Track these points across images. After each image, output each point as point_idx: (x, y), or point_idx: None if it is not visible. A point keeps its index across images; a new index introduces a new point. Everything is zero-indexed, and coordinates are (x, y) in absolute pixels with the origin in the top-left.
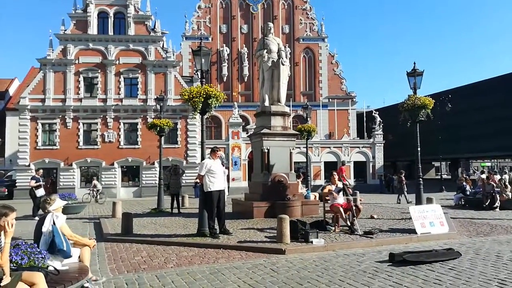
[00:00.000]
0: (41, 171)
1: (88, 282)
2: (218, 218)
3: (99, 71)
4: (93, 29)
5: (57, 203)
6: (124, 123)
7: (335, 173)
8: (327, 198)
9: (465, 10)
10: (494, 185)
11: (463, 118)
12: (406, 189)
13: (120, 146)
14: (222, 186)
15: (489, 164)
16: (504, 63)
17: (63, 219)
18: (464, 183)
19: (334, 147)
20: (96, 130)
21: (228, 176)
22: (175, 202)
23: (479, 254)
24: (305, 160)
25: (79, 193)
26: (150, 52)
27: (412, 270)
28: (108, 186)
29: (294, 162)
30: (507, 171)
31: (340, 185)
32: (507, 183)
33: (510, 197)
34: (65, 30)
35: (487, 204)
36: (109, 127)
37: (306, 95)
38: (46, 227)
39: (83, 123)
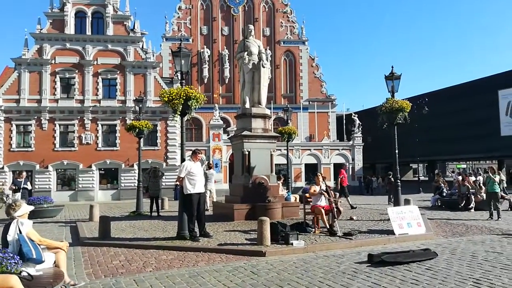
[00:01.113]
0: (24, 173)
1: (65, 287)
2: (198, 221)
3: (77, 71)
4: (70, 29)
5: (23, 209)
6: (102, 125)
7: (319, 174)
8: (309, 200)
9: (443, 14)
10: (469, 186)
11: (439, 121)
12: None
13: (98, 148)
14: (202, 189)
15: (464, 166)
16: (478, 67)
17: (30, 225)
18: (442, 184)
19: (314, 149)
20: (73, 131)
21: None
22: (154, 205)
23: (455, 254)
24: (285, 162)
25: (55, 196)
26: (129, 52)
27: (390, 270)
28: (86, 189)
29: (275, 164)
30: (481, 173)
31: (323, 187)
32: (481, 185)
33: (485, 198)
34: (41, 29)
35: (462, 205)
36: (86, 128)
37: (286, 98)
38: (12, 236)
39: (60, 125)
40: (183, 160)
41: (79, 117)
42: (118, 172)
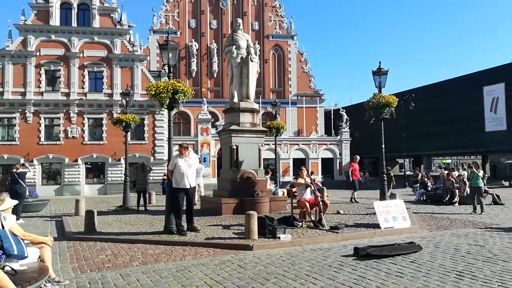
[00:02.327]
0: (18, 165)
1: (49, 282)
2: (187, 215)
3: (62, 64)
4: (55, 20)
5: (7, 203)
6: (88, 118)
7: (303, 168)
8: (295, 194)
9: (431, 11)
10: (454, 181)
11: (425, 117)
12: (394, 185)
13: (84, 142)
14: (188, 184)
15: (449, 161)
16: (464, 64)
17: (13, 220)
18: (426, 179)
19: (302, 144)
20: (59, 125)
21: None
22: (141, 199)
23: (438, 247)
24: (274, 156)
25: (40, 190)
26: (116, 45)
27: (376, 263)
28: (72, 183)
29: (263, 158)
30: (466, 168)
31: (308, 180)
32: (465, 179)
33: (468, 192)
34: (25, 21)
35: (447, 199)
36: (72, 122)
37: (275, 92)
38: None
39: (45, 118)
40: (170, 154)
41: (64, 110)
42: (104, 166)
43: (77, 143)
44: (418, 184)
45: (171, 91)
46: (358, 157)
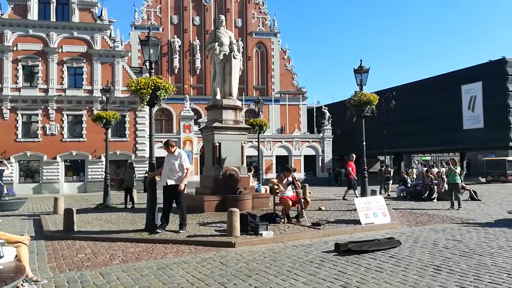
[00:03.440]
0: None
1: (27, 282)
2: (180, 213)
3: (40, 59)
4: (33, 15)
5: None
6: (67, 115)
7: (290, 168)
8: (277, 191)
9: (412, 11)
10: (432, 177)
11: (406, 115)
12: (391, 181)
13: (63, 139)
14: (167, 181)
15: (429, 158)
16: (443, 62)
17: None
18: (406, 176)
19: (285, 141)
20: (37, 122)
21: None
22: (128, 197)
23: (417, 242)
24: (257, 154)
25: (18, 188)
26: (96, 41)
27: (356, 259)
28: (50, 181)
29: (246, 156)
30: (444, 164)
31: (290, 178)
32: (443, 176)
33: (446, 188)
34: (2, 15)
35: (426, 195)
36: (51, 118)
37: (258, 90)
38: None
39: (22, 114)
40: (151, 151)
41: (43, 107)
42: (84, 163)
43: (56, 140)
44: (391, 181)
45: (152, 87)
46: (355, 156)
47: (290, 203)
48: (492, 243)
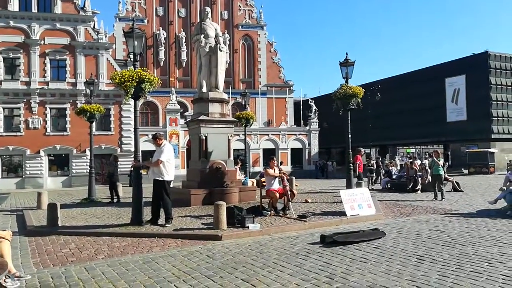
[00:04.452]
0: None
1: (9, 277)
2: (164, 207)
3: (22, 51)
4: (14, 5)
5: None
6: (51, 108)
7: (274, 158)
8: (264, 184)
9: (399, 4)
10: (416, 169)
11: (391, 108)
12: (383, 173)
13: (46, 133)
14: (152, 176)
15: (413, 150)
16: (427, 56)
17: None
18: (392, 168)
19: (272, 134)
20: (19, 115)
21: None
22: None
23: (401, 233)
24: (244, 147)
25: (0, 184)
26: (80, 32)
27: (341, 250)
28: (34, 176)
29: (233, 149)
30: (427, 156)
31: (277, 171)
32: (427, 168)
33: (430, 180)
34: None
35: (410, 187)
36: (33, 112)
37: (245, 83)
38: None
39: (4, 108)
40: (137, 145)
41: (25, 100)
42: (69, 158)
43: (39, 134)
44: (374, 174)
45: (137, 80)
46: (362, 150)
47: (277, 195)
48: (474, 233)
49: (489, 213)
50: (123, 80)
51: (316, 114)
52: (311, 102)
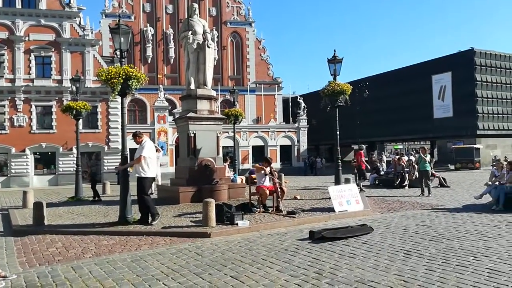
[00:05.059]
0: None
1: None
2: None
3: (5, 47)
4: None
5: None
6: (36, 106)
7: (269, 158)
8: (254, 180)
9: (384, 3)
10: (404, 165)
11: (379, 104)
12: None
13: (32, 131)
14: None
15: (401, 146)
16: (414, 53)
17: None
18: (378, 164)
19: (261, 131)
20: (4, 113)
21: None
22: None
23: (389, 229)
24: (233, 144)
25: None
26: (65, 29)
27: (330, 245)
28: (19, 175)
29: (222, 146)
30: (413, 153)
31: (268, 170)
32: (414, 164)
33: (417, 176)
34: None
35: (397, 183)
36: (18, 110)
37: (234, 80)
38: None
39: None
40: (124, 143)
41: (9, 97)
42: (55, 156)
43: (24, 132)
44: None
45: (123, 77)
46: (364, 146)
47: (267, 192)
48: (460, 228)
49: (474, 208)
50: (109, 77)
51: (305, 111)
52: (300, 99)
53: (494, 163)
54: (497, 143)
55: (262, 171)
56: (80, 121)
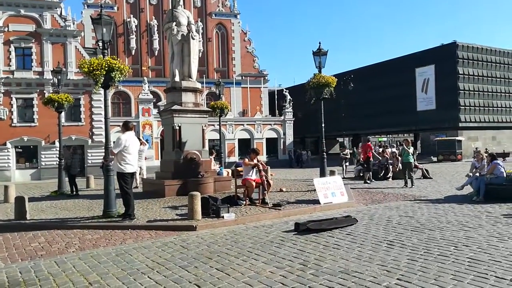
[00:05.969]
0: None
1: None
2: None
3: None
4: None
5: None
6: (17, 99)
7: (257, 149)
8: (241, 173)
9: None
10: (388, 157)
11: (363, 97)
12: (348, 163)
13: (13, 124)
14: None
15: (385, 139)
16: (398, 46)
17: None
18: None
19: (247, 124)
20: None
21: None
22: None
23: (373, 220)
24: (219, 137)
25: None
26: (46, 19)
27: (315, 237)
28: (1, 169)
29: (208, 139)
30: (396, 145)
31: (255, 160)
32: (398, 156)
33: (401, 168)
34: None
35: (381, 174)
36: None
37: (219, 72)
38: None
39: None
40: (107, 136)
41: None
42: (37, 149)
43: (5, 125)
44: (347, 162)
45: (106, 68)
46: (370, 138)
47: (254, 185)
48: (442, 218)
49: (456, 198)
50: (91, 68)
51: (291, 104)
52: (285, 92)
53: (475, 155)
54: (478, 135)
55: (251, 163)
56: (63, 114)
